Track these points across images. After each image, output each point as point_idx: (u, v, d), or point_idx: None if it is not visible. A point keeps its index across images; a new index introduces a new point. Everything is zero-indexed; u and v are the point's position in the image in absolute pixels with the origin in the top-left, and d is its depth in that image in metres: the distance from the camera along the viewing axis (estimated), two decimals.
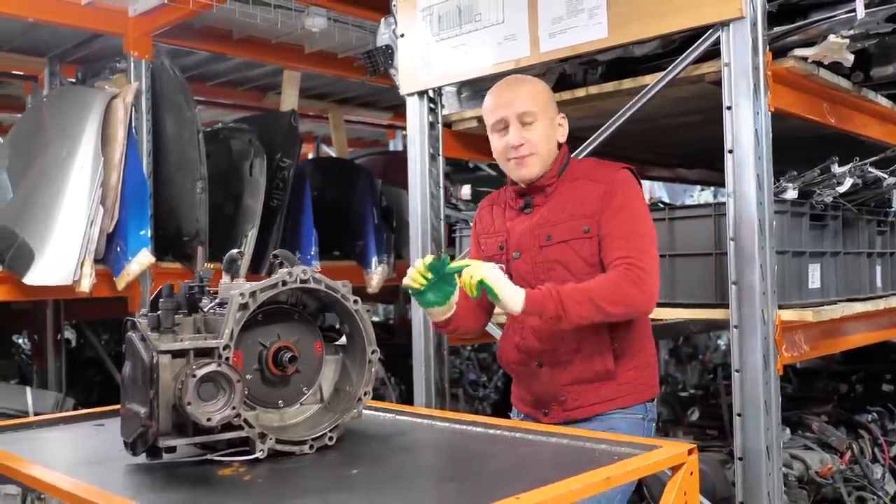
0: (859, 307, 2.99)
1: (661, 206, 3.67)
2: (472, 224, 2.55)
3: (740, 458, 2.47)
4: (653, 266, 2.18)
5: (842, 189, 2.79)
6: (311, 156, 8.35)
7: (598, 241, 2.21)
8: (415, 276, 2.17)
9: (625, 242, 2.17)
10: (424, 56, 3.20)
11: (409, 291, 2.22)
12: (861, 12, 2.44)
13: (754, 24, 2.44)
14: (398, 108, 6.74)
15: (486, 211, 2.47)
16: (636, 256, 2.15)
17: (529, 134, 2.26)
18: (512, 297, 2.07)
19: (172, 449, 1.75)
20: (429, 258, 2.19)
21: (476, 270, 2.07)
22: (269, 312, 1.91)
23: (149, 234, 4.24)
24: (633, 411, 2.30)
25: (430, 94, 3.30)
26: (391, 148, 8.31)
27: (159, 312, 1.77)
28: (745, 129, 2.45)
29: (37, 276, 3.92)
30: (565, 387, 2.28)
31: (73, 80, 5.29)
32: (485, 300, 2.30)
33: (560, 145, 2.36)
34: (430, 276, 2.19)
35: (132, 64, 4.47)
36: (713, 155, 2.55)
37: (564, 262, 2.23)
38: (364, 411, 2.06)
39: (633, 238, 2.18)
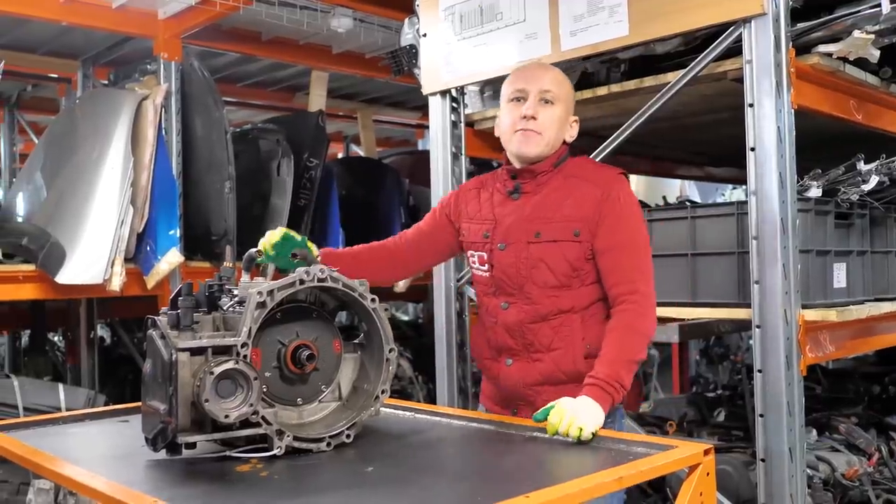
0: (887, 307, 2.94)
1: (688, 204, 3.65)
2: (449, 195, 2.47)
3: (763, 460, 2.45)
4: (652, 285, 2.19)
5: (868, 187, 2.76)
6: (340, 155, 8.41)
7: (588, 248, 2.19)
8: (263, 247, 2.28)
9: (626, 272, 2.16)
10: (446, 55, 3.21)
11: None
12: (886, 7, 2.41)
13: (776, 20, 2.41)
14: (427, 108, 6.76)
15: (472, 194, 2.40)
16: (639, 286, 2.15)
17: (544, 113, 2.22)
18: (600, 420, 1.97)
19: (192, 445, 1.77)
20: (278, 235, 2.24)
21: (575, 421, 1.89)
22: (288, 311, 1.93)
23: (178, 234, 4.30)
24: None
25: (453, 93, 3.31)
26: (420, 147, 8.34)
27: (179, 311, 1.80)
28: (768, 127, 2.43)
29: (68, 275, 3.99)
30: (533, 387, 2.23)
31: (106, 82, 5.38)
32: (410, 254, 2.45)
33: (564, 143, 2.32)
34: (272, 253, 2.26)
35: (162, 66, 4.54)
36: (742, 153, 2.53)
37: (549, 261, 2.19)
38: (383, 409, 2.07)
39: (633, 260, 2.17)
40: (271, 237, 2.28)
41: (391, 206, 5.54)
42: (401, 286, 5.31)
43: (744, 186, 6.35)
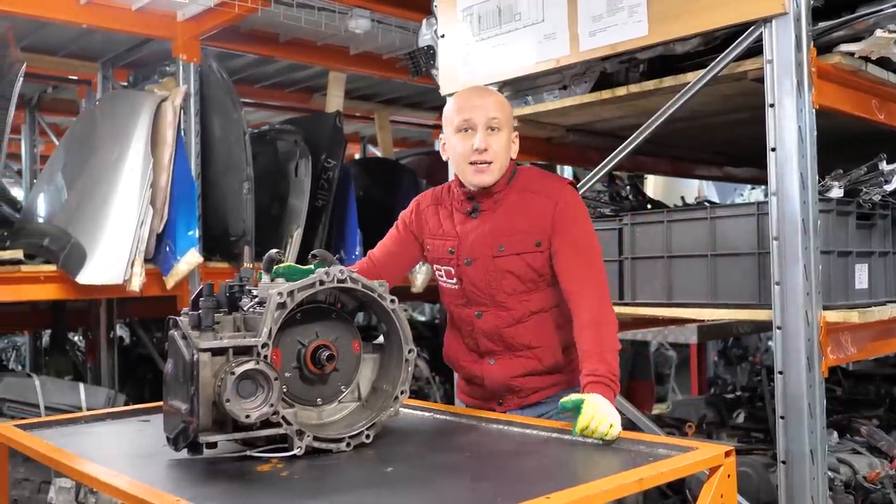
0: None
1: (707, 205, 3.63)
2: (409, 212, 2.52)
3: (783, 462, 2.43)
4: (604, 281, 2.29)
5: (890, 187, 2.73)
6: (357, 156, 8.42)
7: (549, 254, 2.29)
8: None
9: (577, 269, 2.26)
10: (465, 56, 3.21)
11: None
12: None
13: (798, 19, 2.39)
14: (443, 109, 6.76)
15: (430, 211, 2.48)
16: (592, 282, 2.25)
17: (493, 140, 2.30)
18: (619, 419, 2.02)
19: (213, 445, 1.79)
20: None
21: (606, 419, 1.94)
22: (308, 311, 1.94)
23: (197, 235, 4.33)
24: (576, 388, 2.35)
25: None
26: (437, 148, 8.33)
27: (200, 311, 1.81)
28: (789, 127, 2.41)
29: (89, 276, 4.03)
30: (518, 378, 2.34)
31: (125, 84, 5.43)
32: (385, 275, 2.40)
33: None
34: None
35: (181, 67, 4.58)
36: (762, 153, 2.52)
37: (515, 272, 2.30)
38: (402, 410, 2.08)
39: (583, 258, 2.27)
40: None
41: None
42: (418, 286, 5.32)
43: (763, 186, 6.32)
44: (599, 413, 1.94)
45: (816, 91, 2.44)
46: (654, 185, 6.65)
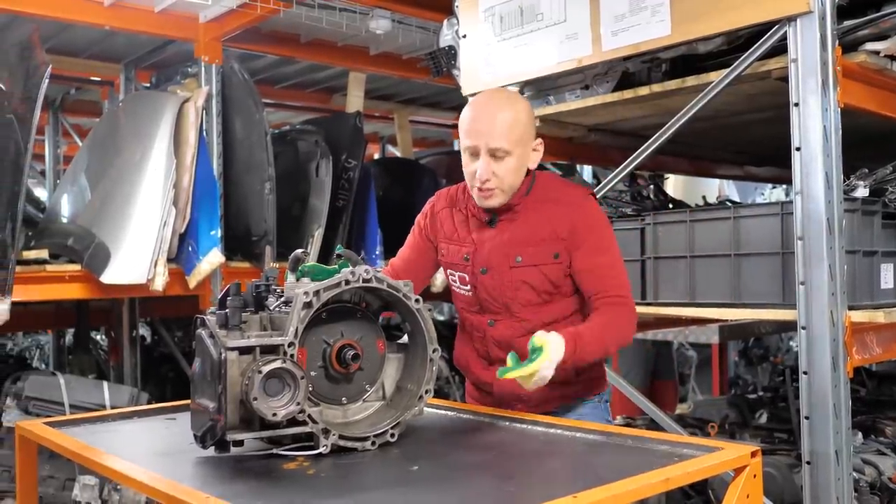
0: None
1: (730, 204, 3.62)
2: (423, 216, 2.48)
3: (808, 462, 2.42)
4: (629, 286, 2.28)
5: None
6: (376, 156, 8.45)
7: (567, 265, 2.26)
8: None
9: (607, 277, 2.24)
10: (486, 56, 3.21)
11: None
12: None
13: (823, 18, 2.38)
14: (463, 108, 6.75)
15: (446, 213, 2.43)
16: (623, 292, 2.24)
17: (498, 167, 2.21)
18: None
19: (240, 443, 1.81)
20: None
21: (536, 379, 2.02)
22: (333, 311, 1.95)
23: (219, 234, 4.36)
24: (590, 399, 2.41)
25: None
26: (456, 147, 8.35)
27: (227, 310, 1.82)
28: (814, 126, 2.40)
29: (113, 275, 4.07)
30: None
31: (148, 85, 5.48)
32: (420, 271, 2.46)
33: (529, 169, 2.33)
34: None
35: (203, 68, 4.62)
36: (784, 152, 2.51)
37: (532, 282, 2.27)
38: (426, 409, 2.09)
39: (612, 271, 2.26)
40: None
41: None
42: (437, 286, 5.32)
43: (785, 186, 6.26)
44: (540, 373, 1.98)
45: (841, 90, 2.43)
46: (674, 185, 6.62)
